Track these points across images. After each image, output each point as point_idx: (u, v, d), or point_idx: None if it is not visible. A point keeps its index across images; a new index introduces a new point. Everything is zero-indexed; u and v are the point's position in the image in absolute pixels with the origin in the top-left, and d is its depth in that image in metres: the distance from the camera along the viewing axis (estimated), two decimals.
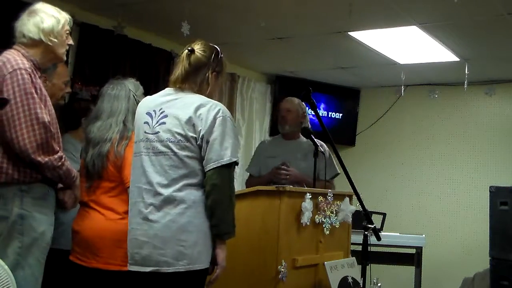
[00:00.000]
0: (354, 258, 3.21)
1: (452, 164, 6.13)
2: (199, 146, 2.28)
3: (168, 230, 2.23)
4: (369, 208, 2.99)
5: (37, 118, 2.27)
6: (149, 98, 2.51)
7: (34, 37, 2.39)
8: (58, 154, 2.35)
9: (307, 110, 3.90)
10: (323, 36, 4.68)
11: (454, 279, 4.69)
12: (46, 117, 2.31)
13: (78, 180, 2.55)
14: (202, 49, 2.42)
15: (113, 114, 2.74)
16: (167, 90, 2.44)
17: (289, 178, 3.58)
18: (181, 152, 2.27)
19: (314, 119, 3.89)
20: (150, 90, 3.80)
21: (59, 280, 2.87)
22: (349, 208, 3.14)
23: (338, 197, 3.13)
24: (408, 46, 4.83)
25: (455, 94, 6.02)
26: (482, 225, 4.17)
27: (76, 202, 2.60)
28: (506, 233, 3.34)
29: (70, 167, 2.42)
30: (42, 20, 2.40)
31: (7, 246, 2.28)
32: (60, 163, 2.35)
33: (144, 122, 2.39)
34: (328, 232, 3.04)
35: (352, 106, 6.62)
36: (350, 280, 2.99)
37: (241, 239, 2.70)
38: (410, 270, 4.97)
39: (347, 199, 3.16)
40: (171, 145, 2.28)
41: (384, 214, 4.98)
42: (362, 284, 2.92)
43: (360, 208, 2.93)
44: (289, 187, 2.84)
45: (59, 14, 2.47)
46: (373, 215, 3.38)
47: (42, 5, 2.46)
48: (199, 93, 2.38)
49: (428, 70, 5.63)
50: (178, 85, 2.40)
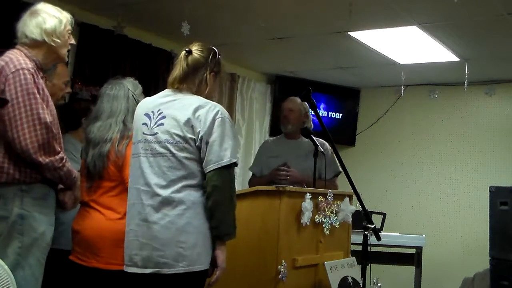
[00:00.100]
0: (354, 258, 3.21)
1: (452, 164, 6.12)
2: (198, 148, 2.28)
3: (167, 231, 2.23)
4: (369, 208, 2.99)
5: (39, 118, 2.27)
6: (148, 99, 2.50)
7: (36, 38, 2.39)
8: (60, 155, 2.35)
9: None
10: (323, 36, 4.68)
11: (454, 279, 4.69)
12: (48, 117, 2.31)
13: (78, 181, 2.55)
14: (200, 50, 2.42)
15: (112, 114, 2.74)
16: (166, 91, 2.44)
17: (289, 179, 3.57)
18: (179, 153, 2.27)
19: (314, 119, 3.88)
20: (150, 90, 3.80)
21: (59, 280, 2.87)
22: (349, 208, 3.14)
23: (338, 197, 3.13)
24: (408, 46, 4.83)
25: (455, 94, 6.02)
26: (482, 225, 4.17)
27: (76, 202, 2.60)
28: (506, 233, 3.34)
29: (70, 168, 2.43)
30: (45, 20, 2.40)
31: (7, 246, 2.28)
32: (61, 164, 2.35)
33: (142, 123, 2.38)
34: (328, 232, 3.04)
35: (352, 106, 6.61)
36: (350, 280, 2.99)
37: (241, 239, 2.70)
38: (410, 270, 4.97)
39: (347, 199, 3.16)
40: (170, 146, 2.28)
41: (384, 214, 4.98)
42: (362, 284, 2.92)
43: (360, 208, 2.93)
44: (289, 187, 2.84)
45: (61, 14, 2.47)
46: (373, 215, 3.38)
47: (43, 5, 2.46)
48: (198, 93, 2.38)
49: (428, 70, 5.63)
50: (176, 86, 2.40)
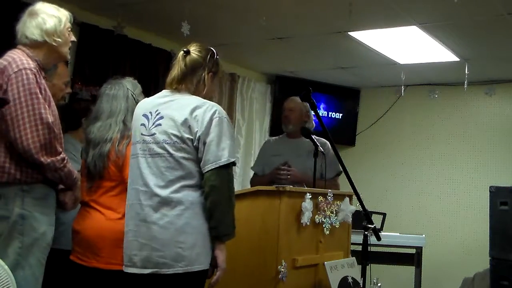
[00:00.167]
0: (354, 258, 3.21)
1: (452, 164, 6.13)
2: (196, 148, 2.28)
3: (166, 231, 2.23)
4: (369, 208, 2.98)
5: (41, 118, 2.27)
6: (146, 100, 2.51)
7: (37, 39, 2.39)
8: (61, 156, 2.35)
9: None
10: (323, 36, 4.68)
11: (454, 279, 4.70)
12: (50, 117, 2.31)
13: (79, 181, 2.55)
14: (198, 50, 2.43)
15: (112, 114, 2.74)
16: (164, 92, 2.44)
17: (290, 178, 3.58)
18: (177, 153, 2.27)
19: (314, 119, 3.89)
20: (150, 90, 3.80)
21: (60, 280, 2.87)
22: (349, 208, 3.14)
23: (338, 197, 3.13)
24: (408, 46, 4.83)
25: (455, 94, 6.02)
26: (482, 225, 4.17)
27: (76, 203, 2.60)
28: (506, 233, 3.34)
29: (71, 169, 2.43)
30: (44, 21, 2.39)
31: (8, 246, 2.27)
32: (62, 165, 2.35)
33: (140, 124, 2.39)
34: (328, 232, 3.04)
35: (352, 106, 6.62)
36: (350, 280, 2.99)
37: (241, 239, 2.70)
38: (410, 270, 4.97)
39: (347, 199, 3.16)
40: (167, 146, 2.28)
41: (384, 214, 4.98)
42: (362, 284, 2.92)
43: (360, 208, 2.92)
44: (289, 187, 2.83)
45: (60, 13, 2.46)
46: (373, 215, 3.38)
47: (41, 5, 2.45)
48: (196, 94, 2.39)
49: (428, 70, 5.63)
50: (174, 86, 2.40)
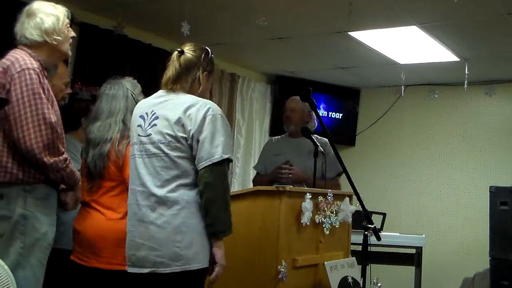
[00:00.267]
0: (354, 258, 3.21)
1: (452, 164, 6.13)
2: (190, 146, 2.28)
3: (163, 231, 2.24)
4: (369, 208, 2.98)
5: (44, 118, 2.27)
6: (143, 101, 2.53)
7: (37, 39, 2.39)
8: (64, 156, 2.35)
9: None
10: (323, 36, 4.68)
11: (454, 279, 4.70)
12: (53, 117, 2.31)
13: (80, 182, 2.55)
14: (192, 49, 2.43)
15: (112, 114, 2.74)
16: (160, 92, 2.45)
17: (291, 177, 3.58)
18: (172, 152, 2.28)
19: (316, 119, 3.88)
20: (150, 90, 3.77)
21: (60, 279, 2.87)
22: (349, 208, 3.14)
23: (338, 197, 3.13)
24: (408, 46, 4.83)
25: (455, 94, 6.02)
26: (482, 225, 4.17)
27: (77, 203, 2.60)
28: (506, 233, 3.34)
29: (73, 169, 2.43)
30: (43, 21, 2.39)
31: (9, 246, 2.27)
32: (64, 165, 2.35)
33: (137, 125, 2.41)
34: (328, 232, 3.04)
35: (352, 106, 6.62)
36: (350, 280, 2.99)
37: (241, 239, 2.70)
38: (410, 270, 4.97)
39: (347, 199, 3.16)
40: (162, 146, 2.29)
41: (384, 214, 4.98)
42: (362, 284, 2.91)
43: (360, 208, 2.92)
44: (289, 187, 2.83)
45: (57, 10, 2.46)
46: (373, 215, 3.38)
47: (38, 4, 2.44)
48: (191, 93, 2.39)
49: (428, 70, 5.63)
50: (170, 86, 2.41)
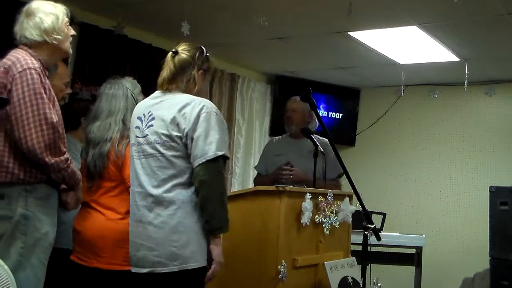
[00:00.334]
0: (354, 258, 3.21)
1: (452, 164, 6.12)
2: (185, 145, 2.29)
3: (160, 231, 2.25)
4: (369, 208, 2.98)
5: (45, 118, 2.27)
6: (141, 103, 2.54)
7: (37, 39, 2.39)
8: (65, 156, 2.35)
9: None
10: (323, 36, 4.68)
11: (454, 279, 4.70)
12: (54, 117, 2.31)
13: (81, 181, 2.55)
14: (187, 49, 2.44)
15: (111, 113, 2.74)
16: (156, 93, 2.46)
17: (292, 178, 3.58)
18: (167, 152, 2.29)
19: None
20: (150, 90, 3.78)
21: (60, 279, 2.87)
22: (349, 208, 3.14)
23: (338, 197, 3.13)
24: (408, 46, 4.83)
25: (455, 94, 6.02)
26: (482, 225, 4.17)
27: (78, 203, 2.60)
28: (506, 233, 3.34)
29: (74, 169, 2.43)
30: (42, 20, 2.39)
31: (10, 246, 2.27)
32: (66, 165, 2.35)
33: (135, 127, 2.42)
34: (328, 232, 3.04)
35: (352, 106, 6.61)
36: (350, 280, 2.98)
37: (241, 239, 2.70)
38: (410, 270, 4.97)
39: (347, 199, 3.16)
40: (158, 146, 2.31)
41: (384, 214, 4.97)
42: (362, 284, 2.91)
43: (360, 208, 2.92)
44: (289, 187, 2.83)
45: (56, 9, 2.45)
46: (373, 215, 3.37)
47: (37, 3, 2.44)
48: (187, 92, 2.39)
49: (428, 70, 5.63)
50: (165, 87, 2.42)
